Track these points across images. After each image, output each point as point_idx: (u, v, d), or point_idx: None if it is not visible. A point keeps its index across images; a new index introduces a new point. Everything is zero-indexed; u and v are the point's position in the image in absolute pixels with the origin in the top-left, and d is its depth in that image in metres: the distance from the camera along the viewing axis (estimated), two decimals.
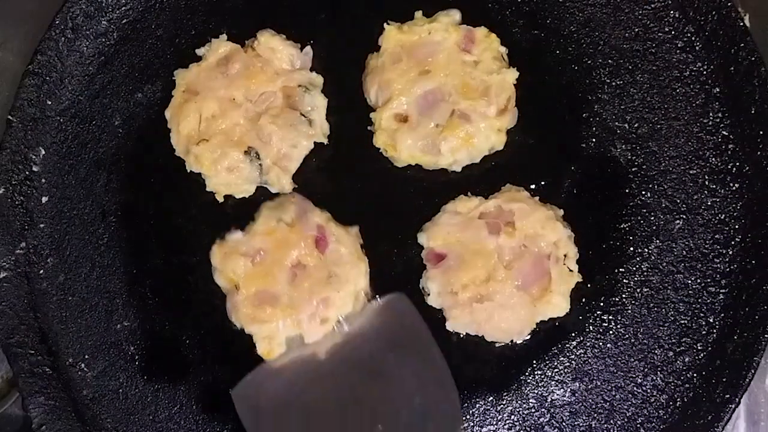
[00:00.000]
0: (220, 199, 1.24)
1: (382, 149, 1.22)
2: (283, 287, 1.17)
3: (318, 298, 1.16)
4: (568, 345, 1.19)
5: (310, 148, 1.25)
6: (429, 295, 1.18)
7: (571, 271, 1.16)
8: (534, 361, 1.18)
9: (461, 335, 1.18)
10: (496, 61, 1.22)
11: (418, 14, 1.25)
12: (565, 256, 1.16)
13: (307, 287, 1.16)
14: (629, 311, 1.19)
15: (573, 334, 1.19)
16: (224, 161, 1.21)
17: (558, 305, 1.16)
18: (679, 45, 1.24)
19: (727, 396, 1.13)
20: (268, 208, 1.22)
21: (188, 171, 1.24)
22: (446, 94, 1.20)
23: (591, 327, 1.19)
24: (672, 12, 1.25)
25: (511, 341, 1.18)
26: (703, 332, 1.17)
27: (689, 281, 1.19)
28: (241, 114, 1.22)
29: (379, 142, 1.22)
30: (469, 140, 1.20)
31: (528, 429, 1.17)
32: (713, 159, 1.21)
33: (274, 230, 1.18)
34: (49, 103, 1.30)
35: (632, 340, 1.18)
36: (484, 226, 1.17)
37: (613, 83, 1.25)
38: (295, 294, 1.16)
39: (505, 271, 1.15)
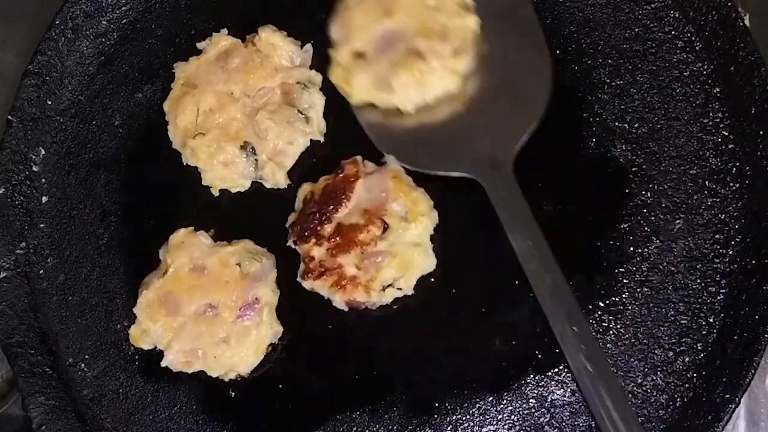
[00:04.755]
0: (216, 194, 1.25)
1: (337, 85, 1.23)
2: (188, 310, 1.17)
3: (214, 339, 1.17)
4: None
5: (306, 145, 1.25)
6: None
7: None
8: (534, 362, 1.18)
9: (461, 336, 1.18)
10: (459, 7, 1.22)
11: None
12: None
13: (206, 329, 1.17)
14: (629, 311, 1.18)
15: None
16: (220, 155, 1.22)
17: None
18: (679, 45, 1.24)
19: (727, 396, 1.12)
20: (244, 247, 1.21)
21: (185, 164, 1.24)
22: (405, 34, 1.20)
23: (591, 327, 1.18)
24: (672, 12, 1.25)
25: None
26: (703, 332, 1.17)
27: (689, 281, 1.18)
28: (238, 109, 1.23)
29: (334, 77, 1.23)
30: (422, 78, 1.19)
31: (528, 429, 1.17)
32: (713, 159, 1.21)
33: (227, 267, 1.18)
34: (49, 103, 1.30)
35: (632, 340, 1.18)
36: None
37: (613, 83, 1.25)
38: (194, 326, 1.17)
39: None
